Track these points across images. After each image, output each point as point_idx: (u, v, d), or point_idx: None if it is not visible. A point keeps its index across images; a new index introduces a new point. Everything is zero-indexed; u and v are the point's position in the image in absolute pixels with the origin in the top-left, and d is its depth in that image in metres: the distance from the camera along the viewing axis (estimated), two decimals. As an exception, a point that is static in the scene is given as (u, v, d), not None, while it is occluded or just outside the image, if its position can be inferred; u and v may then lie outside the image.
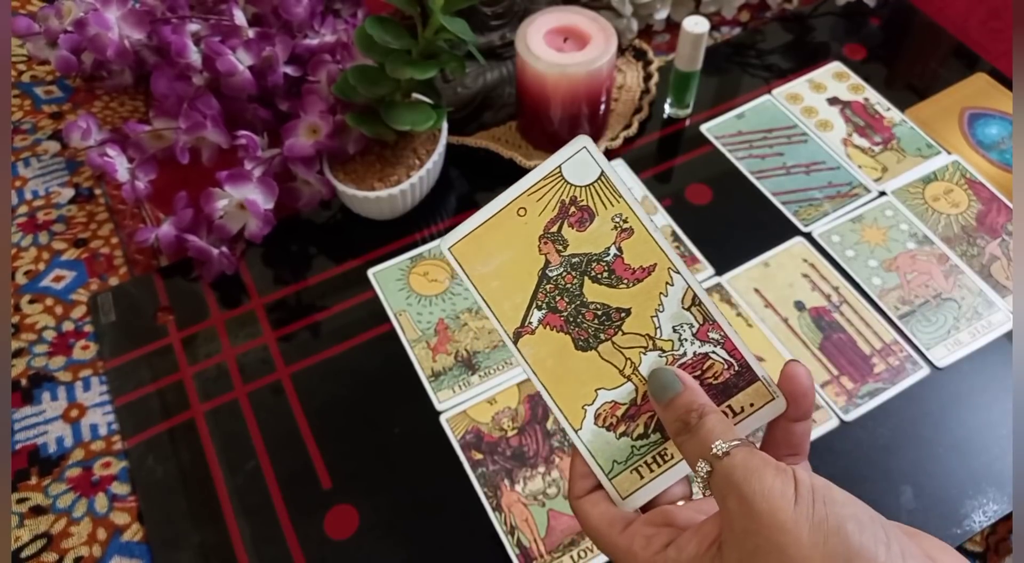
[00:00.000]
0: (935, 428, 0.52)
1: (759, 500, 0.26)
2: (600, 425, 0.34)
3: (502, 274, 0.34)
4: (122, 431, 0.53)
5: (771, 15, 0.76)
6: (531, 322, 0.34)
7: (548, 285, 0.34)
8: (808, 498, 0.26)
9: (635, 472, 0.33)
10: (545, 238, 0.34)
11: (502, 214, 0.34)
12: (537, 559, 0.48)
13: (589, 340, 0.34)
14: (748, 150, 0.66)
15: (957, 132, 0.66)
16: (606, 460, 0.34)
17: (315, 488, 0.51)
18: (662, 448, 0.34)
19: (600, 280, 0.34)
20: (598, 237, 0.34)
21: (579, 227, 0.34)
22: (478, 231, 0.34)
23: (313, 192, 0.61)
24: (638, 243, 0.34)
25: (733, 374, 0.33)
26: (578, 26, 0.61)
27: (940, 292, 0.57)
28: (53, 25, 0.65)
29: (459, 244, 0.35)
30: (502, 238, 0.34)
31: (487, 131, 0.67)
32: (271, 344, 0.57)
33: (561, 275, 0.34)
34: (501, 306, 0.34)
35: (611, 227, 0.34)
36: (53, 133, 0.70)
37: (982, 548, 0.50)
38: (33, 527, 0.50)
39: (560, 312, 0.34)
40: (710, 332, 0.33)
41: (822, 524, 0.26)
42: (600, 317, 0.34)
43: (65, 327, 0.58)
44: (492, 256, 0.34)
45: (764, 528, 0.26)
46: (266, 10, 0.65)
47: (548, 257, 0.34)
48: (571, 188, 0.34)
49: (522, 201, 0.34)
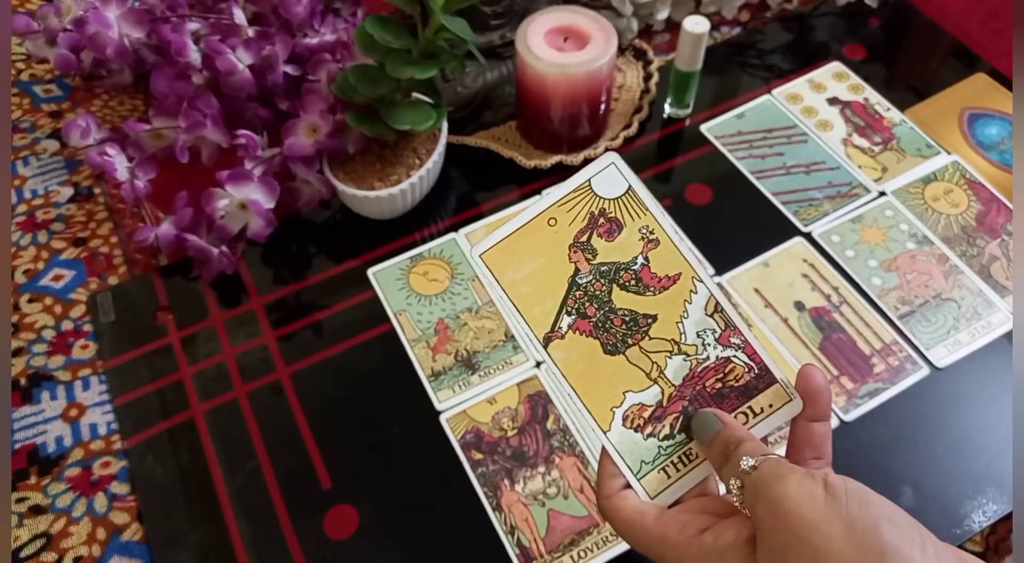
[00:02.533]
0: (935, 428, 0.52)
1: (786, 501, 0.28)
2: (628, 426, 0.35)
3: (533, 281, 0.36)
4: (121, 431, 0.53)
5: (771, 15, 0.76)
6: (561, 327, 0.36)
7: (578, 292, 0.36)
8: (842, 499, 0.27)
9: (663, 472, 0.35)
10: (575, 247, 0.36)
11: (533, 223, 0.36)
12: (537, 559, 0.48)
13: (617, 344, 0.35)
14: (748, 150, 0.66)
15: (957, 132, 0.67)
16: (634, 460, 0.35)
17: (315, 488, 0.51)
18: (688, 448, 0.35)
19: (628, 287, 0.36)
20: (626, 247, 0.36)
21: (608, 237, 0.36)
22: (509, 239, 0.36)
23: (313, 192, 0.61)
24: (664, 253, 0.36)
25: (753, 377, 0.35)
26: (578, 26, 0.61)
27: (940, 292, 0.57)
28: (52, 23, 0.65)
29: (490, 251, 0.36)
30: (533, 247, 0.36)
31: (487, 131, 0.67)
32: (271, 344, 0.57)
33: (591, 282, 0.36)
34: (532, 312, 0.36)
35: (638, 238, 0.36)
36: (52, 132, 0.69)
37: (982, 548, 0.50)
38: (32, 527, 0.50)
39: (589, 318, 0.36)
40: (731, 337, 0.35)
41: (856, 523, 0.26)
42: (628, 323, 0.36)
43: (64, 326, 0.58)
44: (523, 263, 0.36)
45: (793, 526, 0.27)
46: (266, 9, 0.65)
47: (578, 265, 0.36)
48: (600, 200, 0.36)
49: (552, 212, 0.36)
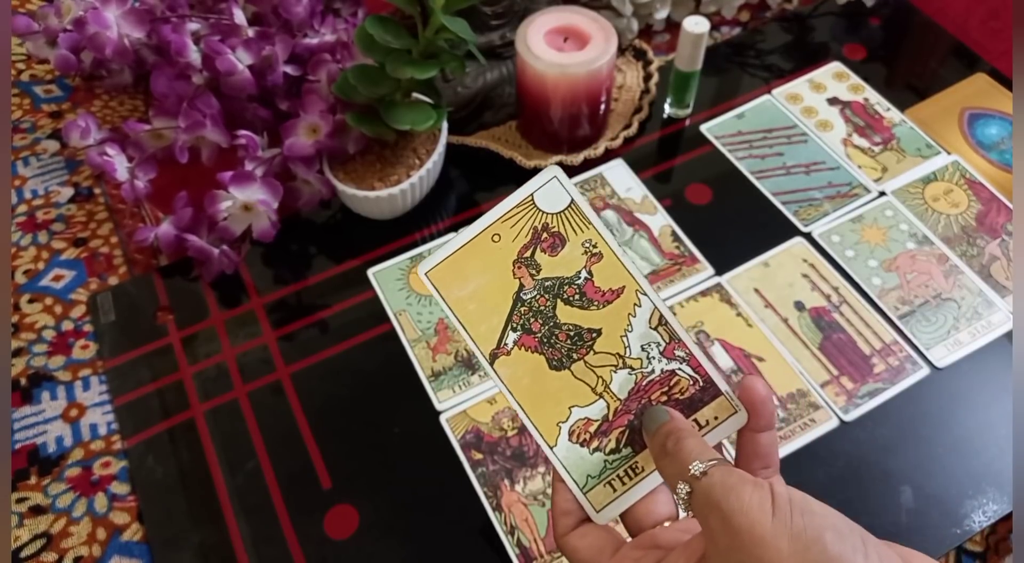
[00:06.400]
0: (935, 428, 0.52)
1: (739, 516, 0.27)
2: (574, 441, 0.35)
3: (478, 297, 0.36)
4: (122, 431, 0.53)
5: (771, 15, 0.76)
6: (507, 343, 0.36)
7: (523, 308, 0.36)
8: (786, 510, 0.27)
9: (608, 485, 0.35)
10: (519, 263, 0.36)
11: (477, 240, 0.36)
12: (537, 559, 0.48)
13: (562, 360, 0.35)
14: (748, 150, 0.66)
15: (957, 132, 0.67)
16: (580, 474, 0.35)
17: (315, 488, 0.51)
18: (633, 461, 0.35)
19: (572, 302, 0.36)
20: (570, 261, 0.36)
21: (551, 252, 0.36)
22: (454, 256, 0.36)
23: (313, 192, 0.61)
24: (607, 267, 0.35)
25: (698, 389, 0.35)
26: (578, 26, 0.61)
27: (940, 292, 0.57)
28: (52, 24, 0.65)
29: (436, 269, 0.36)
30: (478, 263, 0.36)
31: (487, 131, 0.67)
32: (271, 344, 0.57)
33: (535, 298, 0.36)
34: (477, 328, 0.36)
35: (582, 252, 0.36)
36: (52, 132, 0.70)
37: (982, 548, 0.50)
38: (32, 527, 0.50)
39: (534, 333, 0.35)
40: (676, 350, 0.35)
41: (801, 535, 0.26)
42: (572, 337, 0.35)
43: (64, 326, 0.58)
44: (468, 280, 0.36)
45: (745, 543, 0.27)
46: (266, 9, 0.65)
47: (522, 281, 0.36)
48: (543, 215, 0.36)
49: (496, 227, 0.36)
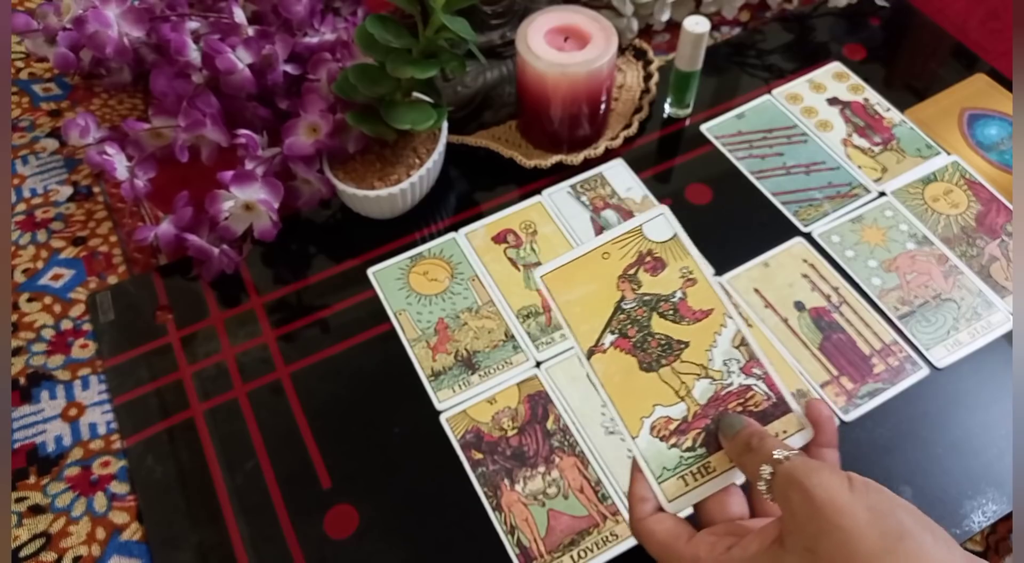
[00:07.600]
0: (935, 428, 0.52)
1: (819, 490, 0.31)
2: (654, 435, 0.39)
3: (583, 302, 0.41)
4: (121, 430, 0.53)
5: (771, 15, 0.76)
6: (604, 343, 0.41)
7: (622, 315, 0.41)
8: (863, 489, 0.31)
9: (681, 479, 0.38)
10: (624, 278, 0.42)
11: (589, 255, 0.42)
12: (537, 559, 0.48)
13: (652, 363, 0.40)
14: (748, 150, 0.66)
15: (957, 133, 0.67)
16: (657, 465, 0.39)
17: (315, 488, 0.51)
18: (706, 461, 0.39)
19: (666, 316, 0.41)
20: (668, 282, 0.41)
21: (652, 273, 0.42)
22: (568, 266, 0.42)
23: (313, 191, 0.60)
24: (700, 291, 0.41)
25: (771, 405, 0.39)
26: (578, 25, 0.61)
27: (940, 292, 0.57)
28: (52, 22, 0.65)
29: (550, 274, 0.42)
30: (587, 274, 0.42)
31: (487, 130, 0.67)
32: (271, 343, 0.57)
33: (634, 308, 0.41)
34: (580, 328, 0.41)
35: (679, 276, 0.42)
36: (52, 131, 0.69)
37: (982, 548, 0.50)
38: (32, 526, 0.50)
39: (630, 338, 0.41)
40: (754, 368, 0.40)
41: (877, 506, 0.30)
42: (663, 346, 0.40)
43: (64, 325, 0.58)
44: (576, 287, 0.42)
45: (825, 511, 0.30)
46: (266, 8, 0.65)
47: (624, 293, 0.41)
48: (649, 243, 0.42)
49: (607, 247, 0.42)
